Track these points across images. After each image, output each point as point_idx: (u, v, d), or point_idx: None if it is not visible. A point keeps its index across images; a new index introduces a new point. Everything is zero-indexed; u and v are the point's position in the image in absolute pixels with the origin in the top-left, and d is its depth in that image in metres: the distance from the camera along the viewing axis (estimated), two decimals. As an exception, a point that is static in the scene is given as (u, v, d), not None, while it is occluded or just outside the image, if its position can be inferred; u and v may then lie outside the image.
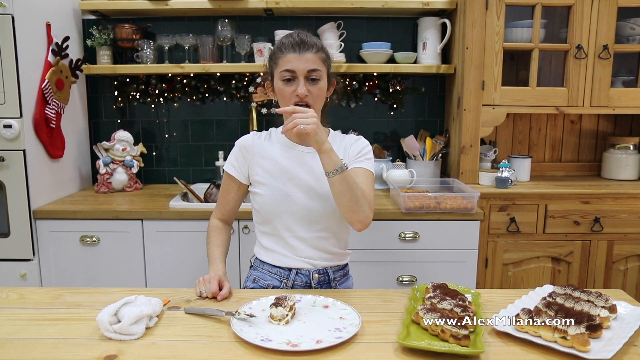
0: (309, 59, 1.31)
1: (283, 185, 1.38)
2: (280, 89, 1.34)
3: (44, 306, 1.21)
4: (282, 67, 1.32)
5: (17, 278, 2.12)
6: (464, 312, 1.05)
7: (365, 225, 1.31)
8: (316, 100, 1.34)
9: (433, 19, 2.50)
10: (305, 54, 1.31)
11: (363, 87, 2.64)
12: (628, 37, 2.39)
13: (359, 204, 1.27)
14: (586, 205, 2.24)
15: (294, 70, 1.31)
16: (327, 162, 1.25)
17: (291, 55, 1.31)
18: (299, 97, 1.31)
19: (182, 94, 2.66)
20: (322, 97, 1.37)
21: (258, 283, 1.44)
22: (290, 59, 1.31)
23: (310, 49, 1.32)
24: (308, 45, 1.32)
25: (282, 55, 1.33)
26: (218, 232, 1.48)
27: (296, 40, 1.32)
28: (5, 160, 2.04)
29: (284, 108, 1.28)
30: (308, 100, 1.32)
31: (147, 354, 0.98)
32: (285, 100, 1.34)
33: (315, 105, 1.34)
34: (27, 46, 2.06)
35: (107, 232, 2.14)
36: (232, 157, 1.45)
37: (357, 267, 1.85)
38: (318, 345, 0.99)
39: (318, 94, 1.34)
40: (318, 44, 1.35)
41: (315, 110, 1.34)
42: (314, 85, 1.33)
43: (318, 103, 1.36)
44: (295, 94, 1.31)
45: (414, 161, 2.55)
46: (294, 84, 1.32)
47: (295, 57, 1.30)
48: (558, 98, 2.35)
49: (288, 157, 1.41)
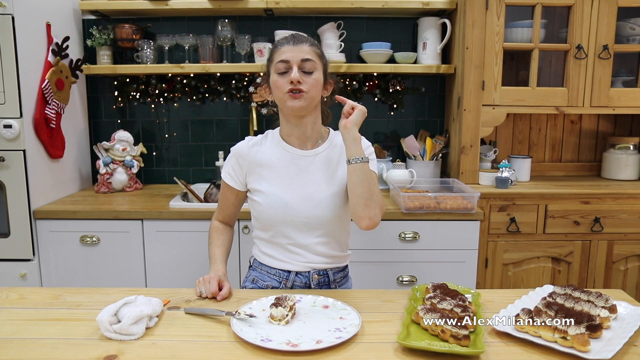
0: (303, 49, 1.32)
1: (282, 193, 1.35)
2: (275, 81, 1.33)
3: (44, 306, 1.21)
4: (277, 59, 1.32)
5: (17, 278, 2.12)
6: (464, 312, 1.05)
7: (374, 224, 1.29)
8: (310, 88, 1.31)
9: (433, 19, 2.50)
10: (300, 45, 1.32)
11: (363, 87, 2.64)
12: (628, 37, 2.39)
13: (372, 199, 1.28)
14: (586, 205, 2.24)
15: (287, 60, 1.30)
16: (353, 149, 1.29)
17: (286, 47, 1.32)
18: (292, 82, 1.29)
19: (182, 94, 2.66)
20: (317, 88, 1.33)
21: (257, 284, 1.44)
22: (284, 50, 1.32)
23: (305, 42, 1.33)
24: (303, 39, 1.34)
25: (277, 50, 1.34)
26: (219, 232, 1.48)
27: (291, 36, 1.35)
28: (5, 160, 2.04)
29: (344, 99, 1.37)
30: (302, 87, 1.30)
31: (147, 354, 0.98)
32: (279, 90, 1.31)
33: (310, 92, 1.31)
34: (27, 46, 2.06)
35: (107, 232, 2.14)
36: (229, 165, 1.43)
37: (357, 267, 1.85)
38: (318, 345, 0.99)
39: (312, 83, 1.31)
40: (313, 40, 1.37)
41: (310, 97, 1.32)
42: (309, 76, 1.31)
43: (313, 91, 1.32)
44: (289, 80, 1.29)
45: (414, 161, 2.55)
46: (288, 75, 1.30)
47: (290, 48, 1.31)
48: (558, 98, 2.35)
49: (286, 162, 1.38)
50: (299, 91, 1.30)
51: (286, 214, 1.35)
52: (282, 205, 1.35)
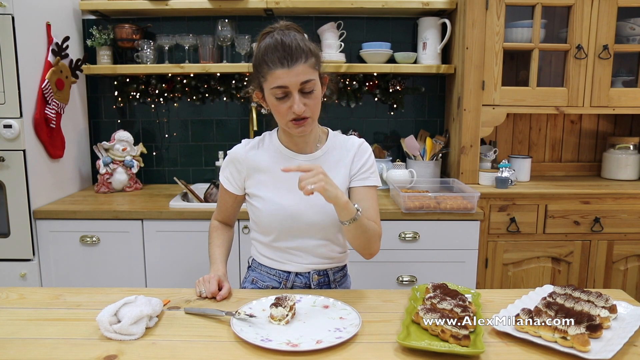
0: (300, 71, 1.20)
1: (279, 199, 1.34)
2: (275, 106, 1.26)
3: (44, 306, 1.21)
4: (273, 83, 1.22)
5: (17, 278, 2.12)
6: (464, 312, 1.05)
7: (374, 255, 1.34)
8: (314, 110, 1.28)
9: (433, 19, 2.50)
10: (295, 67, 1.20)
11: (363, 87, 2.64)
12: (628, 37, 2.39)
13: (371, 242, 1.30)
14: (586, 205, 2.24)
15: (285, 85, 1.21)
16: (343, 213, 1.21)
17: (280, 71, 1.20)
18: (296, 114, 1.23)
19: (182, 94, 2.66)
20: (319, 104, 1.30)
21: (256, 284, 1.44)
22: (279, 75, 1.20)
23: (299, 60, 1.20)
24: (296, 56, 1.20)
25: (271, 71, 1.21)
26: (219, 232, 1.48)
27: (282, 53, 1.20)
28: (5, 160, 2.04)
29: (289, 167, 1.19)
30: (306, 115, 1.25)
31: (147, 354, 0.98)
32: (282, 117, 1.27)
33: (314, 115, 1.29)
34: (27, 46, 2.06)
35: (107, 232, 2.14)
36: (226, 170, 1.42)
37: (357, 267, 1.85)
38: (318, 345, 0.99)
39: (315, 104, 1.26)
40: (305, 49, 1.22)
41: (314, 119, 1.30)
42: (310, 97, 1.25)
43: (316, 112, 1.29)
44: (292, 111, 1.23)
45: (414, 161, 2.55)
46: (288, 100, 1.23)
47: (285, 73, 1.20)
48: (558, 98, 2.35)
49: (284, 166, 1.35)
50: (304, 118, 1.26)
51: (286, 220, 1.34)
52: (281, 211, 1.34)
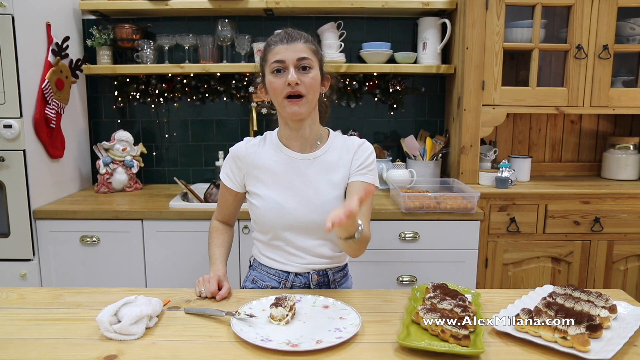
0: (298, 48, 1.27)
1: (279, 197, 1.34)
2: (271, 82, 1.29)
3: (44, 306, 1.21)
4: (272, 59, 1.28)
5: (17, 278, 2.12)
6: (464, 312, 1.05)
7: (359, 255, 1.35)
8: (309, 90, 1.28)
9: (433, 19, 2.50)
10: (294, 44, 1.27)
11: (363, 87, 2.64)
12: (628, 37, 2.39)
13: (360, 250, 1.30)
14: (586, 205, 2.24)
15: (283, 60, 1.26)
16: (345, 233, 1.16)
17: (280, 47, 1.27)
18: (290, 85, 1.25)
19: (182, 94, 2.66)
20: (316, 88, 1.31)
21: (257, 284, 1.44)
22: (279, 50, 1.27)
23: (299, 40, 1.28)
24: (296, 37, 1.29)
25: (271, 50, 1.29)
26: (219, 232, 1.48)
27: (284, 35, 1.29)
28: (5, 160, 2.04)
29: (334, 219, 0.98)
30: (300, 90, 1.26)
31: (147, 354, 0.98)
32: (277, 94, 1.28)
33: (309, 96, 1.29)
34: (27, 46, 2.06)
35: (107, 232, 2.14)
36: (227, 167, 1.42)
37: (357, 267, 1.85)
38: (318, 345, 0.99)
39: (310, 83, 1.28)
40: (306, 36, 1.31)
41: (310, 101, 1.30)
42: (306, 74, 1.27)
43: (311, 94, 1.29)
44: (287, 82, 1.25)
45: (414, 161, 2.55)
46: (284, 75, 1.26)
47: (284, 48, 1.27)
48: (558, 98, 2.35)
49: (284, 165, 1.37)
50: (298, 96, 1.27)
51: (284, 218, 1.34)
52: (279, 209, 1.34)
